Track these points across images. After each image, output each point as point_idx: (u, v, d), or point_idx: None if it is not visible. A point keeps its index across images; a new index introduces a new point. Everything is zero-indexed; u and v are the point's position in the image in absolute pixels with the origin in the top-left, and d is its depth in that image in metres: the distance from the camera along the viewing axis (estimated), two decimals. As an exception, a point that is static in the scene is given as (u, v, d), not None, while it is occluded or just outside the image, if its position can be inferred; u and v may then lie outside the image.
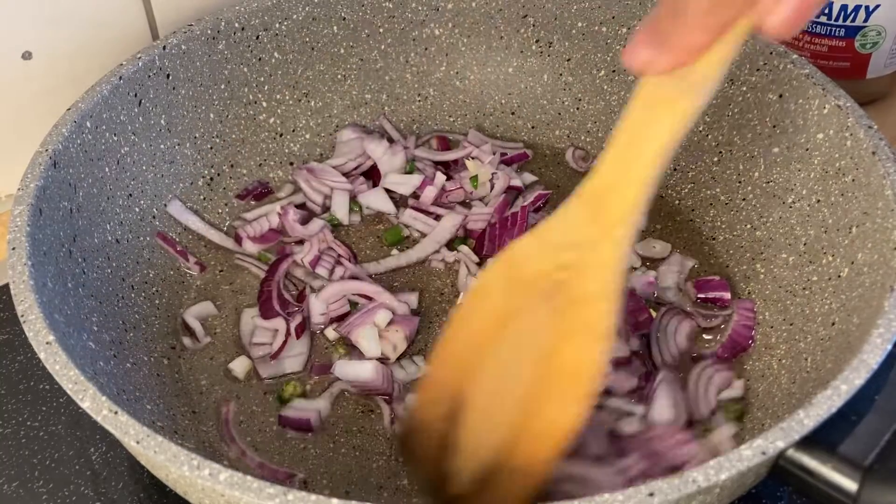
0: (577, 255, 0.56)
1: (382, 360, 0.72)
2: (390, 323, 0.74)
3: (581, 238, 0.56)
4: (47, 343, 0.56)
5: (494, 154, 0.87)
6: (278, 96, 0.87)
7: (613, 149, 0.56)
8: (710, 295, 0.76)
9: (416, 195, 0.85)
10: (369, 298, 0.76)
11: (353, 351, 0.74)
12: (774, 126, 0.77)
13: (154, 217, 0.79)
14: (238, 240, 0.82)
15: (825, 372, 0.62)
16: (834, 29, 0.92)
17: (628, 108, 0.55)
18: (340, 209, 0.84)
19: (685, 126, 0.53)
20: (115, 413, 0.53)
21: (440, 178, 0.85)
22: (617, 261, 0.55)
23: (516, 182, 0.85)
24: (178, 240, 0.80)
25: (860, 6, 0.90)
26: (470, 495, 0.60)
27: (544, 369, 0.57)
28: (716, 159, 0.82)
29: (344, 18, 0.87)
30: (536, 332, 0.58)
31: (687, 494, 0.48)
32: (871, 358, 0.55)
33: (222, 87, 0.83)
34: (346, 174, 0.86)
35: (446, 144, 0.90)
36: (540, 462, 0.58)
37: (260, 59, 0.85)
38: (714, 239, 0.81)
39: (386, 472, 0.67)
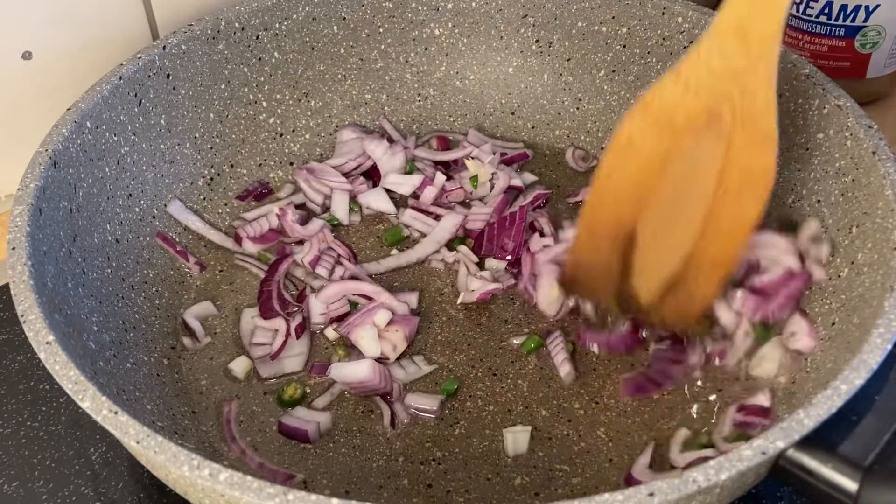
0: (736, 82, 0.63)
1: (382, 359, 0.72)
2: (390, 323, 0.74)
3: (734, 67, 0.63)
4: (47, 343, 0.56)
5: (494, 154, 0.87)
6: (278, 96, 0.87)
7: None
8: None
9: (415, 195, 0.85)
10: (369, 298, 0.76)
11: (353, 351, 0.74)
12: (774, 126, 0.77)
13: (154, 217, 0.79)
14: (238, 240, 0.82)
15: (825, 372, 0.62)
16: (834, 29, 0.92)
17: None
18: (340, 209, 0.84)
19: None
20: (115, 413, 0.53)
21: (440, 178, 0.85)
22: (774, 75, 0.62)
23: (516, 182, 0.85)
24: (178, 240, 0.80)
25: (860, 6, 0.90)
26: (658, 302, 0.72)
27: (723, 184, 0.66)
28: (716, 159, 0.82)
29: (344, 18, 0.87)
30: (702, 160, 0.66)
31: (687, 494, 0.48)
32: (871, 358, 0.55)
33: (222, 87, 0.83)
34: (345, 174, 0.86)
35: (446, 144, 0.90)
36: (731, 254, 0.68)
37: (260, 59, 0.85)
38: (714, 239, 0.81)
39: (386, 472, 0.67)
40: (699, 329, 0.72)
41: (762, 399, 0.67)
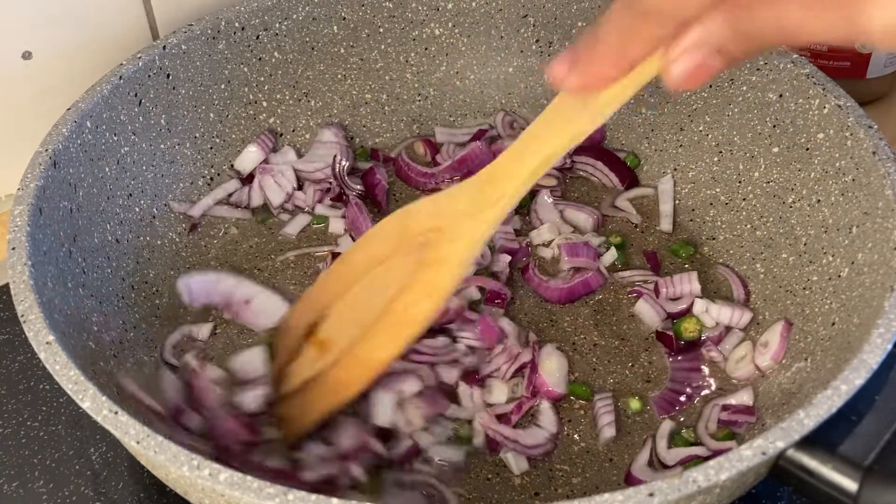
0: (451, 222, 0.64)
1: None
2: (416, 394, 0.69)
3: (461, 209, 0.63)
4: (47, 343, 0.56)
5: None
6: (278, 96, 0.87)
7: (515, 146, 0.62)
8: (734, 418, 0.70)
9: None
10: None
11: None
12: (774, 126, 0.77)
13: (154, 217, 0.79)
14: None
15: (825, 372, 0.62)
16: (834, 29, 0.92)
17: (539, 116, 0.61)
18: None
19: (572, 144, 0.59)
20: (115, 413, 0.53)
21: None
22: (475, 237, 0.63)
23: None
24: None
25: (860, 6, 0.89)
26: (290, 396, 0.68)
27: (387, 307, 0.65)
28: (716, 159, 0.82)
29: (344, 18, 0.87)
30: (397, 276, 0.65)
31: (687, 494, 0.48)
32: (871, 358, 0.55)
33: (222, 87, 0.83)
34: (315, 181, 0.85)
35: (434, 148, 0.90)
36: (349, 384, 0.66)
37: (260, 59, 0.85)
38: (714, 239, 0.81)
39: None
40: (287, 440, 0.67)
41: (745, 398, 0.69)
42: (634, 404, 0.70)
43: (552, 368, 0.71)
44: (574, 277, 0.78)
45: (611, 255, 0.80)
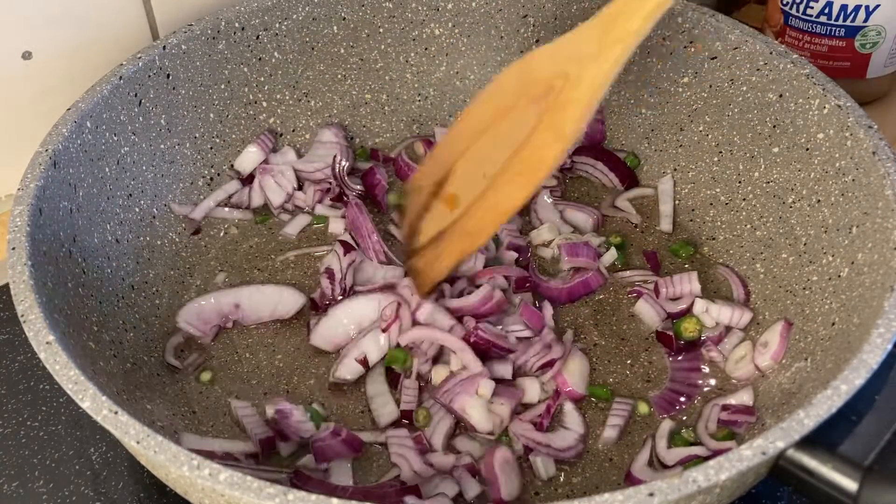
0: (575, 65, 0.63)
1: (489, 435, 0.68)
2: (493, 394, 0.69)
3: (585, 52, 0.63)
4: (47, 343, 0.56)
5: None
6: (278, 96, 0.87)
7: None
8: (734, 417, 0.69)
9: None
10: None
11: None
12: (774, 126, 0.77)
13: (154, 217, 0.79)
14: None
15: (825, 372, 0.62)
16: (834, 29, 0.92)
17: None
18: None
19: None
20: (115, 413, 0.53)
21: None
22: (601, 78, 0.62)
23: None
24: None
25: (860, 6, 0.90)
26: (423, 250, 0.73)
27: (514, 155, 0.66)
28: (716, 159, 0.82)
29: (344, 18, 0.87)
30: (521, 126, 0.66)
31: (687, 494, 0.48)
32: (871, 358, 0.55)
33: (222, 87, 0.83)
34: (315, 181, 0.86)
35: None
36: (482, 229, 0.69)
37: (260, 59, 0.85)
38: (714, 239, 0.81)
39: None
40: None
41: (745, 398, 0.69)
42: (643, 408, 0.70)
43: (573, 369, 0.71)
44: (574, 277, 0.78)
45: (611, 255, 0.80)
